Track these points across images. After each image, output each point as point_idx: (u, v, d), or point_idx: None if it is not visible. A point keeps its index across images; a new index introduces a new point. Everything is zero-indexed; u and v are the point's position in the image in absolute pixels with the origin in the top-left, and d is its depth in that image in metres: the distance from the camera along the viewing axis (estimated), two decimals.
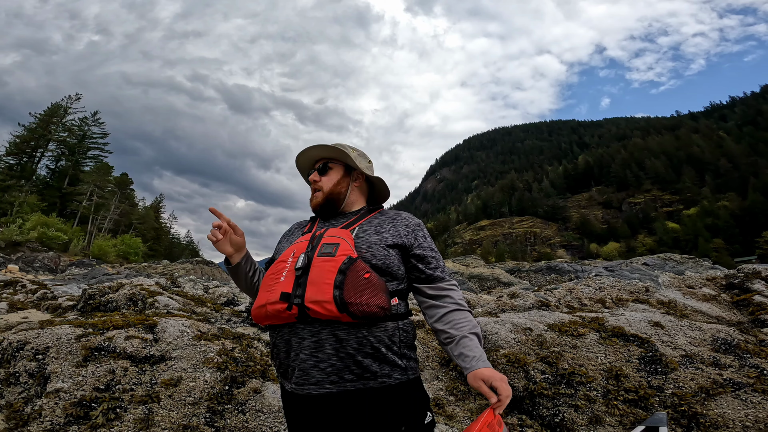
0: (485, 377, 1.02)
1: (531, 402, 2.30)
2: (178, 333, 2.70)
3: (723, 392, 2.06)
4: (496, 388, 1.01)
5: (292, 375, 1.09)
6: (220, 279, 19.33)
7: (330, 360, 1.04)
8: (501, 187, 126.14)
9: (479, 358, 1.07)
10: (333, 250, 1.11)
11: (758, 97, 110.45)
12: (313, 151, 1.36)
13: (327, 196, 1.31)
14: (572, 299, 4.09)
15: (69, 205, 38.44)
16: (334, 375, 1.04)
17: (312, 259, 1.10)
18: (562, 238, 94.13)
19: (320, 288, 1.03)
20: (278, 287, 1.09)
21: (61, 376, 2.13)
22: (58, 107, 43.14)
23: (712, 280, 4.63)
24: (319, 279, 1.05)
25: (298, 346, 1.07)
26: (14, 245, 22.51)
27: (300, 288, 1.06)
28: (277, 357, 1.15)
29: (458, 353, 1.10)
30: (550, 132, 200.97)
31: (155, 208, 58.74)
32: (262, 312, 1.11)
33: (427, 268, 1.23)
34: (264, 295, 1.12)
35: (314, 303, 1.02)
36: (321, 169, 1.34)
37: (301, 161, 1.40)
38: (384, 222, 1.27)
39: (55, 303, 4.86)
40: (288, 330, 1.10)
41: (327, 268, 1.06)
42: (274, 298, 1.07)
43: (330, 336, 1.05)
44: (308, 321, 1.06)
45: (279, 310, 1.06)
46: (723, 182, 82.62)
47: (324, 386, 1.04)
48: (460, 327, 1.13)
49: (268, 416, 2.22)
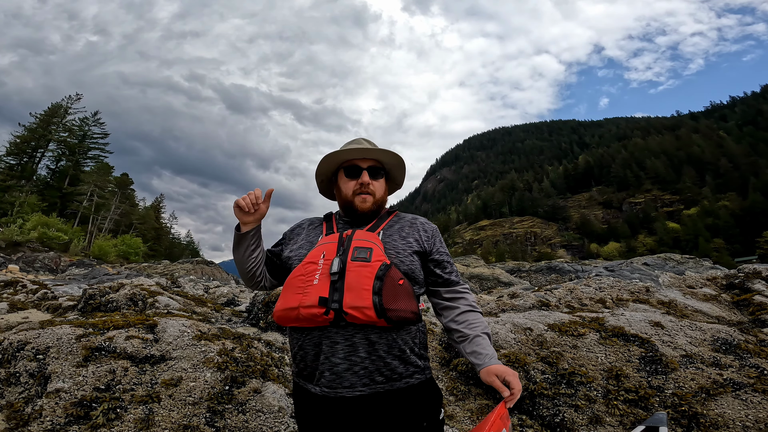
0: (499, 372, 1.09)
1: (531, 402, 2.30)
2: (179, 333, 2.70)
3: (723, 392, 2.05)
4: (509, 382, 1.07)
5: (320, 378, 1.08)
6: (221, 279, 19.34)
7: (363, 363, 1.06)
8: (501, 187, 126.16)
9: (491, 355, 1.14)
10: (368, 255, 1.11)
11: (758, 97, 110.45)
12: (373, 152, 1.29)
13: (377, 203, 1.28)
14: (572, 299, 4.09)
15: (69, 205, 38.46)
16: (367, 377, 1.06)
17: (346, 263, 1.09)
18: (562, 238, 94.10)
19: (359, 294, 1.04)
20: (313, 290, 1.07)
21: (61, 376, 2.13)
22: (59, 107, 43.17)
23: (712, 280, 4.62)
24: (357, 285, 1.05)
25: (330, 349, 1.07)
26: (15, 245, 22.52)
27: (337, 293, 1.05)
28: (303, 360, 1.13)
29: (471, 350, 1.16)
30: (551, 132, 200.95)
31: (155, 208, 58.76)
32: (292, 314, 1.09)
33: (444, 272, 1.28)
34: (294, 296, 1.09)
35: (353, 309, 1.03)
36: (373, 172, 1.29)
37: (339, 157, 1.30)
38: (405, 226, 1.29)
39: (56, 303, 4.86)
40: (319, 333, 1.09)
41: (364, 273, 1.07)
42: (310, 302, 1.06)
43: (363, 340, 1.07)
44: (341, 325, 1.07)
45: (315, 314, 1.05)
46: (723, 182, 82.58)
47: (357, 389, 1.05)
48: (474, 327, 1.20)
49: (268, 416, 2.22)
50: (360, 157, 1.29)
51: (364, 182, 1.25)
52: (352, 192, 1.27)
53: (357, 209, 1.26)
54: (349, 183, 1.27)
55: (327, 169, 1.35)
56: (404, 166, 1.35)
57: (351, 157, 1.29)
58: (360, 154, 1.28)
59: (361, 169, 1.27)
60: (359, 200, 1.26)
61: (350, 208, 1.28)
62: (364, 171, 1.26)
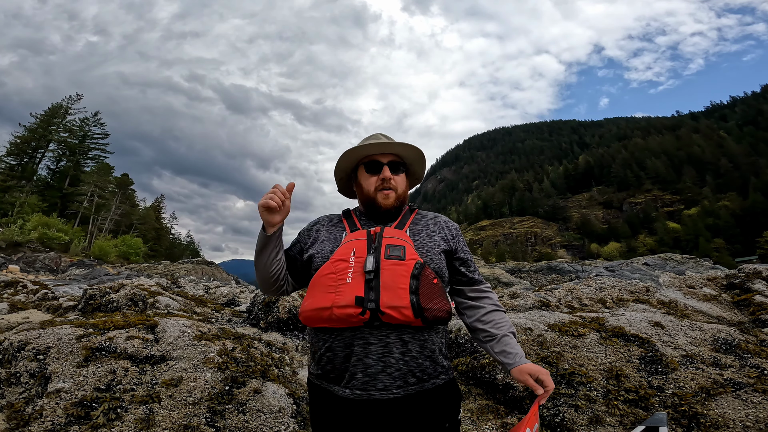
0: (532, 371, 1.08)
1: (531, 402, 2.30)
2: (179, 333, 2.70)
3: (723, 392, 2.05)
4: (542, 381, 1.06)
5: (351, 380, 1.04)
6: (221, 279, 19.35)
7: (397, 364, 1.03)
8: (501, 187, 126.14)
9: (521, 354, 1.14)
10: (401, 254, 1.08)
11: (758, 97, 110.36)
12: (393, 147, 1.25)
13: (399, 198, 1.24)
14: (573, 299, 4.09)
15: (70, 205, 38.47)
16: (401, 379, 1.04)
17: (380, 261, 1.06)
18: (562, 238, 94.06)
19: (396, 293, 1.02)
20: (347, 289, 1.03)
21: (62, 376, 2.14)
22: (59, 108, 43.19)
23: (712, 280, 4.62)
24: (393, 284, 1.03)
25: (362, 351, 1.04)
26: (15, 246, 22.53)
27: (372, 292, 1.02)
28: (331, 362, 1.08)
29: (500, 350, 1.15)
30: (551, 132, 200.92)
31: (156, 209, 58.78)
32: (323, 314, 1.04)
33: (468, 271, 1.27)
34: (326, 296, 1.05)
35: (391, 308, 1.00)
36: (393, 167, 1.25)
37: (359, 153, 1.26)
38: (429, 225, 1.27)
39: (56, 303, 4.86)
40: (351, 334, 1.05)
41: (399, 272, 1.04)
42: (345, 302, 1.02)
43: (397, 340, 1.04)
44: (375, 325, 1.03)
45: (350, 314, 1.01)
46: (724, 182, 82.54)
47: (391, 391, 1.03)
48: (500, 326, 1.19)
49: (268, 416, 2.22)
50: (380, 152, 1.25)
51: (386, 177, 1.21)
52: (374, 188, 1.22)
53: (380, 206, 1.22)
54: (370, 179, 1.23)
55: (346, 165, 1.30)
56: (425, 160, 1.31)
57: (371, 152, 1.25)
58: (380, 149, 1.24)
59: (381, 165, 1.23)
60: (381, 196, 1.21)
61: (372, 204, 1.23)
62: (385, 166, 1.23)
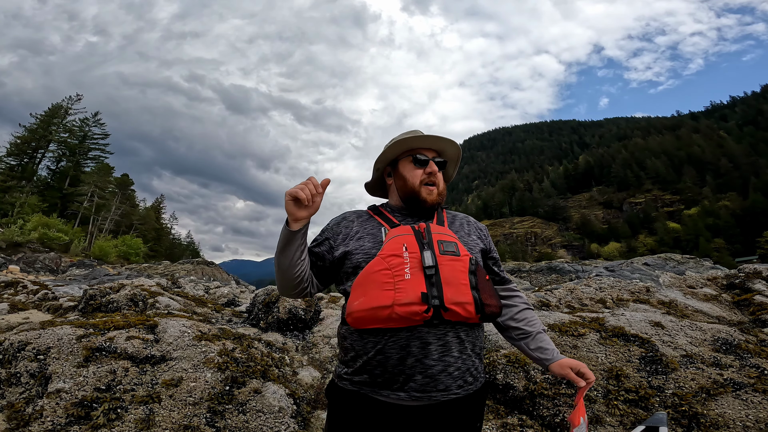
0: (572, 365, 1.10)
1: (531, 402, 2.30)
2: (179, 333, 2.70)
3: (723, 392, 2.05)
4: (584, 373, 1.09)
5: (407, 383, 0.98)
6: (221, 280, 19.36)
7: (456, 363, 1.01)
8: (501, 187, 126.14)
9: (557, 350, 1.16)
10: (455, 249, 1.06)
11: (759, 97, 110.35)
12: (443, 143, 1.23)
13: (441, 194, 1.22)
14: (573, 299, 4.09)
15: (70, 205, 38.48)
16: (460, 379, 1.01)
17: (436, 257, 1.03)
18: (562, 238, 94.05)
19: (459, 289, 0.99)
20: (408, 286, 0.97)
21: (62, 376, 2.14)
22: (59, 108, 43.21)
23: (712, 280, 4.62)
24: (454, 279, 1.00)
25: (421, 351, 0.98)
26: (15, 246, 22.54)
27: (434, 288, 0.98)
28: (382, 365, 1.00)
29: (536, 347, 1.16)
30: (551, 132, 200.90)
31: (156, 209, 58.77)
32: (382, 313, 0.97)
33: (500, 270, 1.27)
34: (384, 293, 0.98)
35: (456, 304, 0.97)
36: (437, 163, 1.23)
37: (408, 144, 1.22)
38: (464, 223, 1.27)
39: (56, 303, 4.86)
40: (407, 334, 0.99)
41: (458, 268, 1.02)
42: (409, 299, 0.96)
43: (455, 338, 1.02)
44: (433, 324, 0.99)
45: (415, 312, 0.96)
46: (724, 182, 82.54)
47: (452, 391, 0.99)
48: (534, 324, 1.19)
49: (268, 416, 2.22)
50: (428, 146, 1.23)
51: (433, 171, 1.18)
52: (419, 181, 1.19)
53: (424, 200, 1.18)
54: (416, 171, 1.20)
55: (391, 156, 1.26)
56: (459, 160, 1.30)
57: (419, 145, 1.22)
58: (429, 143, 1.22)
59: (428, 159, 1.21)
60: (426, 191, 1.18)
61: (415, 198, 1.19)
62: (431, 161, 1.20)
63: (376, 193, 1.39)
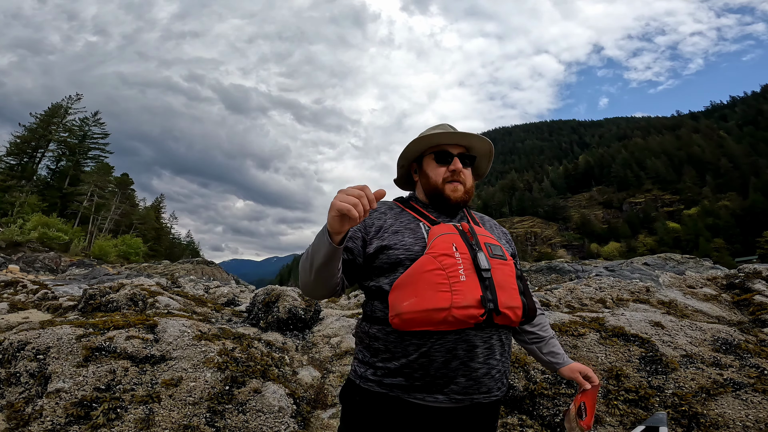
0: (581, 369, 1.18)
1: (531, 402, 2.30)
2: (179, 333, 2.70)
3: (723, 392, 2.05)
4: (590, 377, 1.17)
5: (447, 385, 0.96)
6: (221, 279, 19.35)
7: (498, 366, 1.02)
8: (501, 187, 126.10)
9: (566, 355, 1.23)
10: (502, 253, 1.07)
11: (759, 97, 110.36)
12: (468, 137, 1.18)
13: (467, 192, 1.18)
14: (573, 299, 4.09)
15: (70, 205, 38.45)
16: (500, 381, 1.03)
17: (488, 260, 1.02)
18: (562, 238, 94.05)
19: (510, 294, 1.00)
20: (465, 288, 0.94)
21: (61, 376, 2.14)
22: (59, 107, 43.18)
23: (712, 280, 4.62)
24: (506, 283, 1.01)
25: (467, 354, 0.97)
26: (15, 245, 22.52)
27: (489, 291, 0.96)
28: (425, 368, 0.96)
29: (548, 351, 1.22)
30: (551, 132, 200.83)
31: (156, 209, 58.75)
32: (438, 316, 0.93)
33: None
34: (440, 295, 0.93)
35: (508, 309, 0.97)
36: (463, 160, 1.18)
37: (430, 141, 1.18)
38: (493, 227, 1.28)
39: (56, 303, 4.86)
40: (455, 337, 0.96)
41: (507, 272, 1.03)
42: (467, 302, 0.93)
43: (498, 341, 1.03)
44: (480, 327, 0.98)
45: (472, 315, 0.93)
46: (724, 182, 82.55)
47: (493, 394, 1.01)
48: (547, 330, 1.25)
49: (268, 416, 2.22)
50: (452, 142, 1.18)
51: (457, 169, 1.14)
52: (442, 179, 1.16)
53: (448, 198, 1.15)
54: (439, 169, 1.16)
55: (414, 152, 1.23)
56: (492, 156, 1.25)
57: (442, 141, 1.18)
58: (452, 139, 1.17)
59: (452, 155, 1.16)
60: (450, 189, 1.15)
61: (440, 196, 1.16)
62: (456, 157, 1.16)
63: (405, 188, 1.36)
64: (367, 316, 1.09)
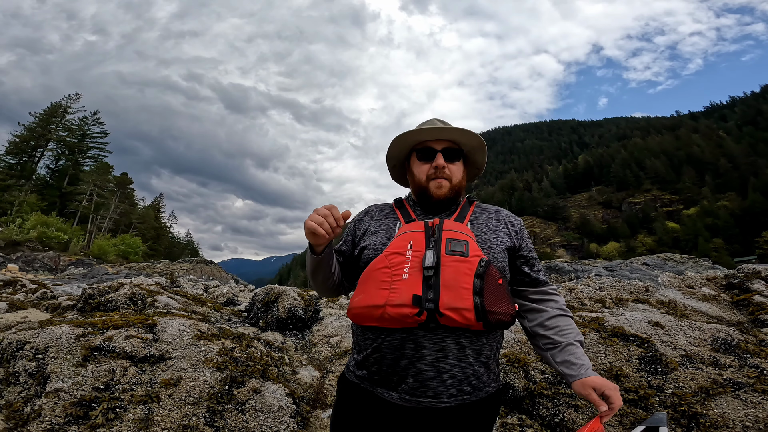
0: (597, 385, 0.97)
1: (531, 402, 2.30)
2: (178, 333, 2.69)
3: (723, 392, 2.05)
4: (608, 396, 0.96)
5: (400, 384, 0.97)
6: (220, 279, 19.33)
7: (452, 371, 0.96)
8: (501, 187, 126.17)
9: (587, 366, 1.02)
10: (464, 249, 0.99)
11: (758, 97, 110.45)
12: (446, 132, 1.15)
13: (454, 188, 1.15)
14: (572, 299, 4.09)
15: (69, 204, 38.41)
16: (454, 387, 0.97)
17: (440, 257, 0.97)
18: (561, 238, 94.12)
19: (458, 293, 0.93)
20: (403, 286, 0.95)
21: (60, 375, 2.13)
22: (58, 107, 43.13)
23: (712, 279, 4.62)
24: (454, 283, 0.94)
25: (414, 354, 0.96)
26: (14, 245, 22.49)
27: (431, 291, 0.93)
28: (378, 363, 1.00)
29: (562, 360, 1.05)
30: (550, 132, 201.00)
31: (155, 208, 58.69)
32: (375, 313, 0.95)
33: (532, 270, 1.17)
34: (379, 292, 0.96)
35: (451, 310, 0.92)
36: (449, 155, 1.15)
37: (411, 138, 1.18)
38: (491, 219, 1.18)
39: (55, 303, 4.85)
40: (402, 336, 0.96)
41: (462, 270, 0.96)
42: (401, 300, 0.93)
43: (453, 344, 0.96)
44: (430, 328, 0.95)
45: (405, 314, 0.93)
46: (723, 182, 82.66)
47: (442, 400, 0.96)
48: (566, 334, 1.08)
49: (268, 416, 2.22)
50: (433, 138, 1.16)
51: (439, 165, 1.12)
52: (426, 176, 1.15)
53: (432, 195, 1.14)
54: (422, 166, 1.16)
55: (399, 152, 1.22)
56: (485, 148, 1.21)
57: (423, 138, 1.16)
58: (433, 135, 1.15)
59: (435, 152, 1.14)
60: (434, 185, 1.13)
61: (424, 193, 1.15)
62: (439, 153, 1.14)
63: (405, 184, 1.34)
64: None
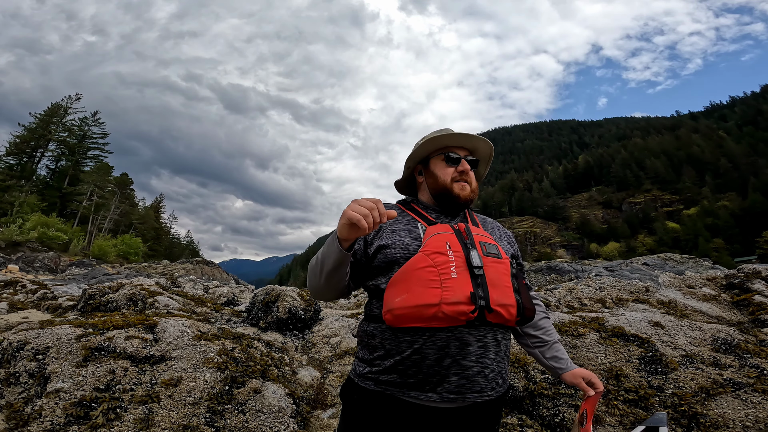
0: (584, 375, 1.14)
1: (531, 402, 2.30)
2: (178, 333, 2.70)
3: (723, 392, 2.05)
4: (593, 383, 1.13)
5: (440, 384, 0.96)
6: (220, 279, 19.33)
7: (492, 365, 1.01)
8: (501, 187, 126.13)
9: (570, 360, 1.20)
10: (497, 252, 1.08)
11: (758, 97, 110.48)
12: (476, 141, 1.23)
13: (474, 192, 1.22)
14: (572, 299, 4.09)
15: (69, 205, 38.42)
16: (494, 381, 1.02)
17: (481, 258, 1.03)
18: (562, 238, 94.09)
19: (504, 291, 1.00)
20: (455, 285, 0.96)
21: (61, 376, 2.13)
22: (58, 107, 43.13)
23: (712, 280, 4.62)
24: (499, 281, 1.01)
25: (459, 352, 0.97)
26: (14, 245, 22.49)
27: (480, 289, 0.97)
28: (417, 365, 0.97)
29: (551, 356, 1.20)
30: (550, 132, 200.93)
31: (155, 208, 58.71)
32: (428, 312, 0.94)
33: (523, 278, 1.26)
34: (430, 291, 0.95)
35: (500, 306, 0.98)
36: (469, 162, 1.23)
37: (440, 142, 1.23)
38: (495, 228, 1.29)
39: (55, 303, 4.85)
40: (447, 335, 0.97)
41: (501, 270, 1.04)
42: (457, 298, 0.94)
43: (493, 340, 1.02)
44: (474, 325, 0.98)
45: (462, 312, 0.94)
46: (723, 182, 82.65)
47: (486, 393, 0.99)
48: (551, 333, 1.23)
49: (268, 416, 2.22)
50: (459, 144, 1.24)
51: (466, 170, 1.19)
52: (451, 179, 1.19)
53: (457, 197, 1.18)
54: (447, 169, 1.20)
55: (423, 153, 1.26)
56: (491, 159, 1.30)
57: (450, 143, 1.23)
58: (461, 141, 1.22)
59: (460, 157, 1.21)
60: (458, 187, 1.19)
61: (448, 195, 1.19)
62: (463, 159, 1.21)
63: (404, 191, 1.40)
64: (367, 314, 1.13)
